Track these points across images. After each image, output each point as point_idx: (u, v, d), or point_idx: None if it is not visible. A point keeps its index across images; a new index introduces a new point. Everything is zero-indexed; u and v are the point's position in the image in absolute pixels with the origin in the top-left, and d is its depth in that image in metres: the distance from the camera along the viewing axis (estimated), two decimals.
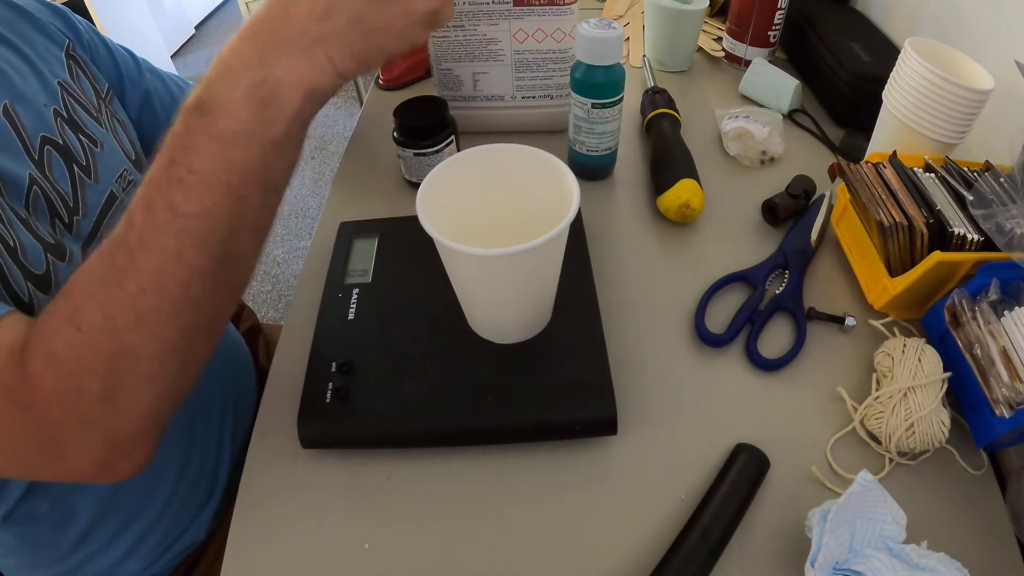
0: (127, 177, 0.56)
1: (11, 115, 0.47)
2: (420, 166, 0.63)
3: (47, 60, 0.54)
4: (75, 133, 0.52)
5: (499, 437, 0.44)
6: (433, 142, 0.62)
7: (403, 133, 0.62)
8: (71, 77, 0.55)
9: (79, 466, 0.36)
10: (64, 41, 0.57)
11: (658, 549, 0.39)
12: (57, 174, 0.49)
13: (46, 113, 0.50)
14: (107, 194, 0.53)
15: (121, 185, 0.55)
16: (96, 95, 0.57)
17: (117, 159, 0.55)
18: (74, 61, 0.57)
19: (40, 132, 0.49)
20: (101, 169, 0.53)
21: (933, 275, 0.45)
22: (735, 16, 0.80)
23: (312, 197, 2.08)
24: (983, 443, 0.41)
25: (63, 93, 0.53)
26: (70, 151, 0.50)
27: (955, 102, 0.50)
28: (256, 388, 0.69)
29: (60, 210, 0.48)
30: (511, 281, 0.41)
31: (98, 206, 0.52)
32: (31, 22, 0.56)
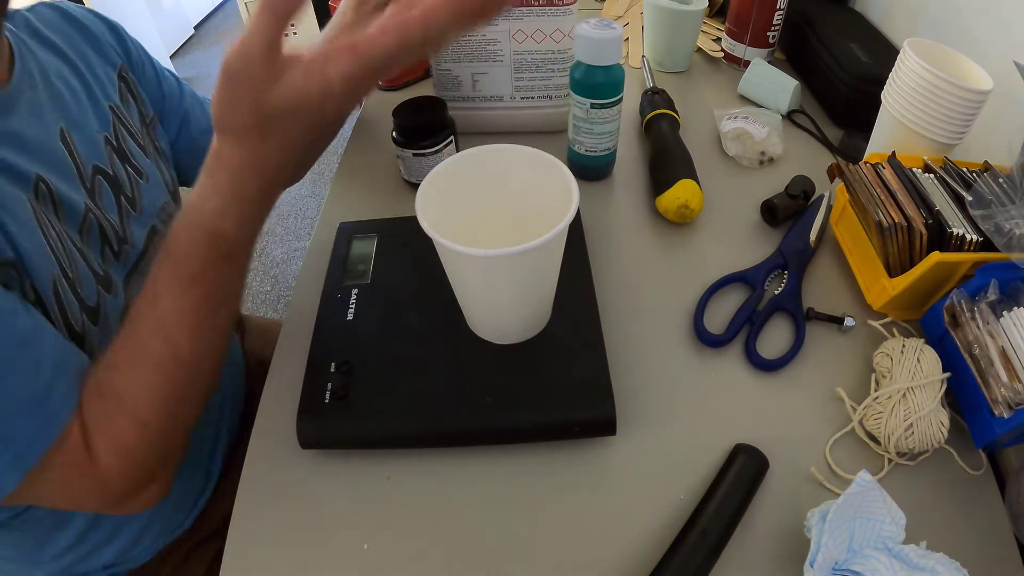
0: (167, 210, 0.56)
1: (67, 140, 0.47)
2: (419, 167, 0.63)
3: (100, 81, 0.54)
4: (123, 163, 0.52)
5: (498, 437, 0.44)
6: (432, 142, 0.62)
7: (402, 133, 0.62)
8: (121, 100, 0.55)
9: (134, 508, 0.43)
10: (117, 61, 0.57)
11: (657, 549, 0.39)
12: (107, 204, 0.49)
13: (98, 141, 0.50)
14: (149, 227, 0.53)
15: (161, 218, 0.55)
16: (141, 120, 0.57)
17: (159, 191, 0.56)
18: (125, 83, 0.57)
19: (93, 161, 0.49)
20: (145, 201, 0.53)
21: (932, 275, 0.45)
22: (734, 17, 0.80)
23: (311, 197, 2.08)
24: (982, 443, 0.41)
25: (114, 119, 0.53)
26: (119, 182, 0.51)
27: (954, 103, 0.51)
28: (243, 377, 0.70)
29: (111, 239, 0.49)
30: (510, 281, 0.41)
31: (142, 238, 0.52)
32: (87, 37, 0.55)
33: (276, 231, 1.96)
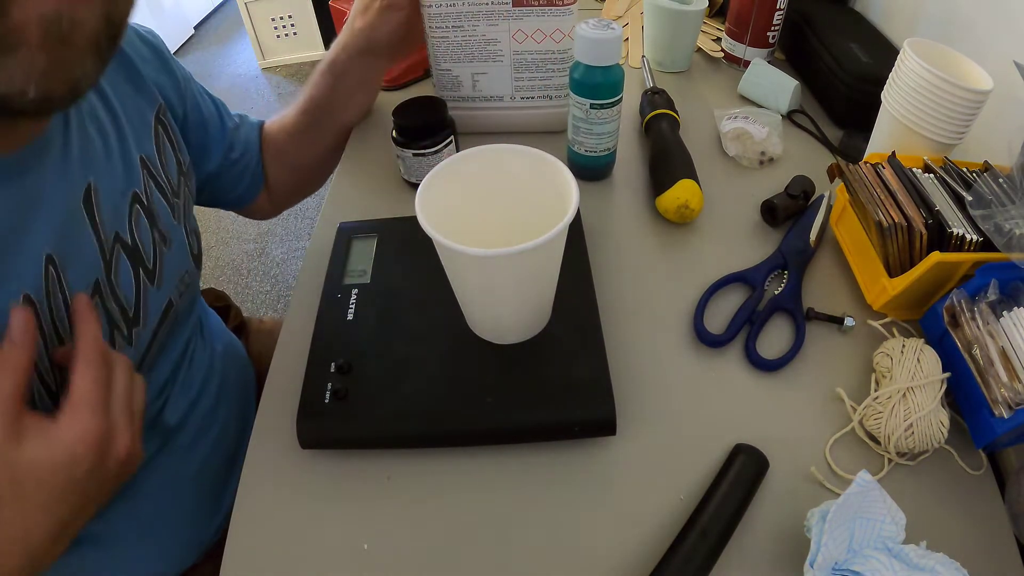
0: (186, 280, 0.52)
1: (91, 202, 0.42)
2: (419, 166, 0.63)
3: (135, 126, 0.48)
4: (150, 228, 0.47)
5: (498, 437, 0.44)
6: (432, 142, 0.62)
7: (402, 133, 0.62)
8: (156, 150, 0.49)
9: None
10: (157, 102, 0.51)
11: (657, 549, 0.39)
12: (123, 280, 0.44)
13: (124, 202, 0.45)
14: (166, 301, 0.49)
15: (180, 289, 0.51)
16: (178, 171, 0.52)
17: (182, 259, 0.51)
18: (163, 127, 0.51)
19: (115, 228, 0.44)
20: (166, 273, 0.49)
21: (932, 275, 0.45)
22: (734, 17, 0.80)
23: (311, 197, 2.07)
24: (982, 443, 0.41)
25: (145, 173, 0.47)
26: (139, 253, 0.46)
27: (954, 103, 0.51)
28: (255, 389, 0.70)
29: (120, 324, 0.44)
30: (510, 282, 0.41)
31: (158, 314, 0.48)
32: (129, 73, 0.49)
33: (276, 231, 1.96)
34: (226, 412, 0.60)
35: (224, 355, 0.62)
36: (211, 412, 0.57)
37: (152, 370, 0.50)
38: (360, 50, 0.63)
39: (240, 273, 1.83)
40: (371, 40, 0.62)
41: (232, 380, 0.62)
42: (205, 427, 0.56)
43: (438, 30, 0.64)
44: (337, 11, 0.86)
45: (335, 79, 0.64)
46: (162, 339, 0.50)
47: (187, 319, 0.55)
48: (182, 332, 0.55)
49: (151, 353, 0.49)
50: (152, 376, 0.50)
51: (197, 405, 0.56)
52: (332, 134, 0.70)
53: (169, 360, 0.53)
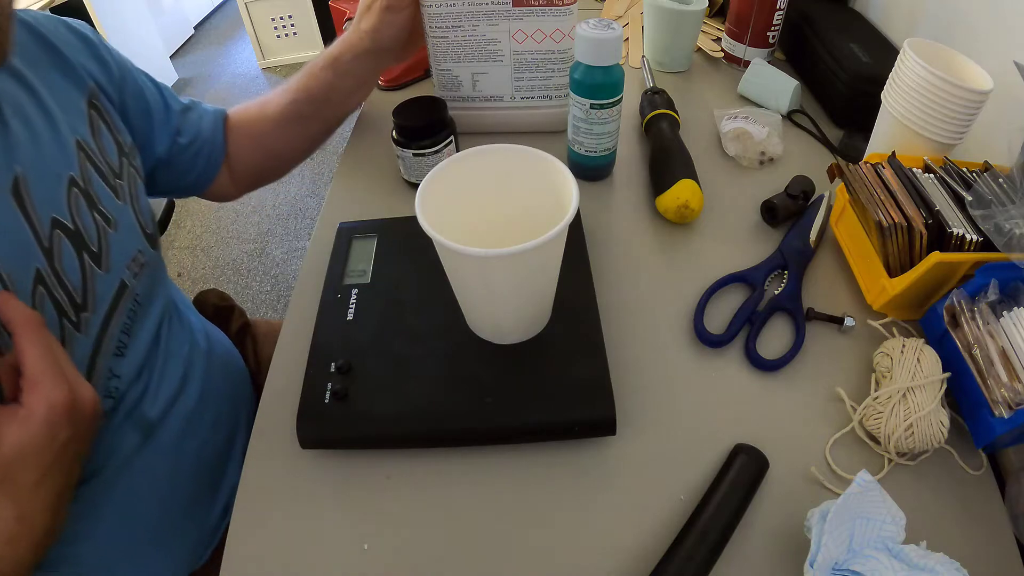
0: (140, 260, 0.51)
1: (20, 193, 0.42)
2: (419, 166, 0.63)
3: (67, 111, 0.48)
4: (90, 210, 0.46)
5: (498, 437, 0.44)
6: (432, 142, 0.62)
7: (402, 133, 0.62)
8: (91, 133, 0.49)
9: None
10: (88, 85, 0.50)
11: (657, 549, 0.39)
12: (67, 265, 0.44)
13: (60, 187, 0.45)
14: (118, 284, 0.48)
15: (133, 271, 0.50)
16: (118, 152, 0.52)
17: (131, 239, 0.50)
18: (96, 111, 0.51)
19: (51, 213, 0.44)
20: (114, 254, 0.48)
21: (932, 276, 0.45)
22: (734, 17, 0.80)
23: (311, 197, 2.08)
24: (982, 443, 0.41)
25: (81, 156, 0.47)
26: (81, 237, 0.45)
27: (954, 103, 0.51)
28: (251, 391, 0.69)
29: (67, 310, 0.44)
30: (510, 281, 0.41)
31: (108, 298, 0.47)
32: (56, 60, 0.49)
33: (276, 231, 1.96)
34: (213, 414, 0.59)
35: (210, 354, 0.61)
36: (196, 411, 0.56)
37: (123, 357, 0.49)
38: (365, 50, 0.62)
39: (240, 273, 1.83)
40: (376, 41, 0.62)
41: (218, 381, 0.61)
42: (190, 427, 0.55)
43: (438, 30, 0.64)
44: (337, 11, 0.86)
45: (336, 76, 0.64)
46: (122, 323, 0.49)
47: (152, 302, 0.54)
48: (149, 316, 0.53)
49: (108, 338, 0.47)
50: (124, 363, 0.49)
51: (179, 400, 0.55)
52: (323, 127, 0.69)
53: (141, 344, 0.52)
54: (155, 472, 0.52)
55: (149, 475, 0.52)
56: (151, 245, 0.53)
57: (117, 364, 0.49)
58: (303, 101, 0.65)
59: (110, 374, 0.48)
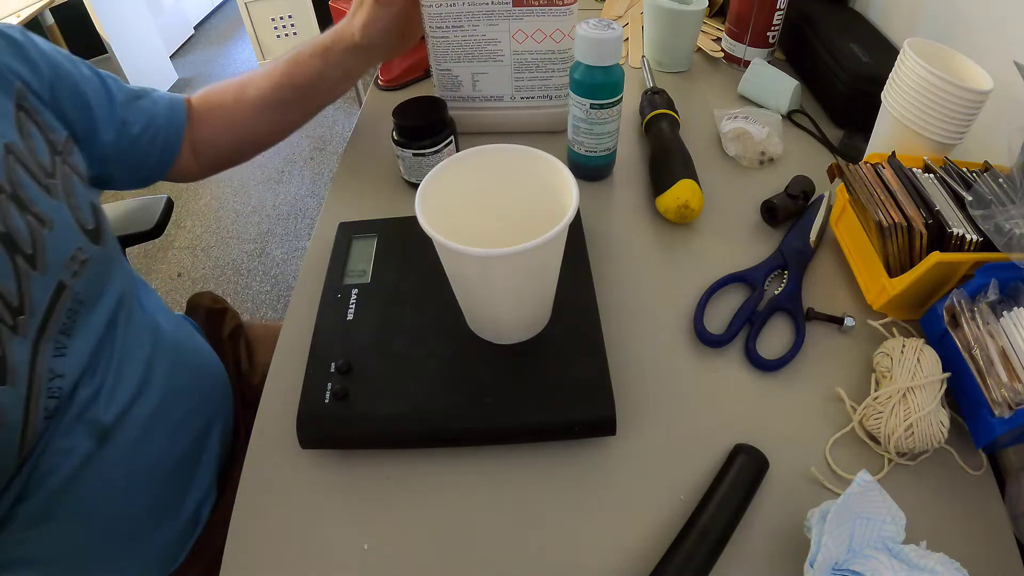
0: (79, 257, 0.49)
1: None
2: (419, 166, 0.63)
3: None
4: (20, 213, 0.45)
5: (498, 437, 0.44)
6: (432, 142, 0.62)
7: (402, 134, 0.62)
8: (20, 135, 0.48)
9: None
10: (14, 86, 0.49)
11: (657, 549, 0.39)
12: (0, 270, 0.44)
13: None
14: (55, 284, 0.47)
15: (71, 269, 0.49)
16: (51, 150, 0.50)
17: (69, 237, 0.49)
18: (25, 113, 0.50)
19: None
20: (49, 255, 0.47)
21: (932, 275, 0.45)
22: (734, 17, 0.80)
23: (311, 197, 2.08)
24: (982, 443, 0.41)
25: (8, 159, 0.46)
26: (13, 240, 0.45)
27: (954, 103, 0.51)
28: (234, 397, 0.68)
29: (2, 314, 0.43)
30: (510, 282, 0.41)
31: (45, 300, 0.46)
32: None
33: (276, 231, 1.96)
34: (178, 416, 0.57)
35: (178, 354, 0.60)
36: (156, 414, 0.55)
37: (64, 356, 0.48)
38: (355, 44, 0.62)
39: (240, 273, 1.83)
40: (366, 36, 0.61)
41: (185, 382, 0.59)
42: (149, 432, 0.54)
43: (438, 30, 0.64)
44: (337, 11, 0.86)
45: (325, 66, 0.63)
46: (60, 324, 0.48)
47: (98, 300, 0.52)
48: (93, 314, 0.51)
49: (46, 339, 0.46)
50: (65, 362, 0.48)
51: (138, 403, 0.53)
52: (303, 115, 0.68)
53: (85, 344, 0.50)
54: (111, 477, 0.51)
55: (105, 480, 0.51)
56: (94, 241, 0.51)
57: (58, 364, 0.47)
58: (287, 87, 0.64)
59: (51, 374, 0.47)
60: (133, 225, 0.83)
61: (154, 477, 0.55)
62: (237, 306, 1.73)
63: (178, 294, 1.77)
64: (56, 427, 0.48)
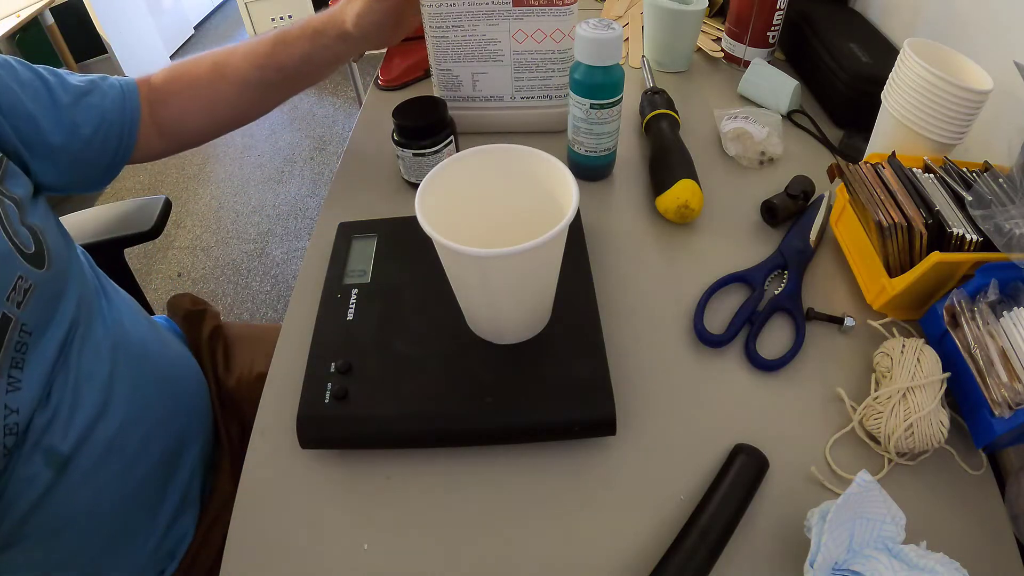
0: (22, 287, 0.47)
1: None
2: (419, 166, 0.63)
3: None
4: None
5: (498, 438, 0.44)
6: (432, 142, 0.62)
7: (402, 134, 0.62)
8: None
9: None
10: None
11: (657, 549, 0.39)
12: None
13: None
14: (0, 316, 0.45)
15: (15, 300, 0.46)
16: None
17: (8, 267, 0.46)
18: None
19: None
20: None
21: (932, 275, 0.45)
22: (734, 17, 0.80)
23: (311, 197, 2.08)
24: (982, 443, 0.41)
25: None
26: None
27: (954, 103, 0.51)
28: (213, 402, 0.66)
29: None
30: (510, 282, 0.41)
31: None
32: None
33: (276, 231, 1.96)
34: (142, 435, 0.55)
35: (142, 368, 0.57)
36: (119, 436, 0.53)
37: (19, 391, 0.46)
38: (348, 33, 0.61)
39: (240, 273, 1.83)
40: (360, 27, 0.60)
41: (152, 398, 0.57)
42: (111, 454, 0.52)
43: (438, 30, 0.64)
44: None
45: (312, 50, 0.62)
46: (11, 358, 0.46)
47: (48, 327, 0.50)
48: (43, 343, 0.49)
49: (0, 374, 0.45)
50: (20, 397, 0.46)
51: (98, 427, 0.51)
52: (283, 97, 0.67)
53: (37, 374, 0.48)
54: (75, 501, 0.50)
55: (69, 505, 0.50)
56: (36, 266, 0.48)
57: (13, 400, 0.46)
58: (271, 68, 0.62)
59: (7, 411, 0.45)
60: (131, 226, 0.83)
61: (123, 496, 0.53)
62: (237, 306, 1.73)
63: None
64: (16, 458, 0.46)
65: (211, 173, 2.24)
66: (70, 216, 0.84)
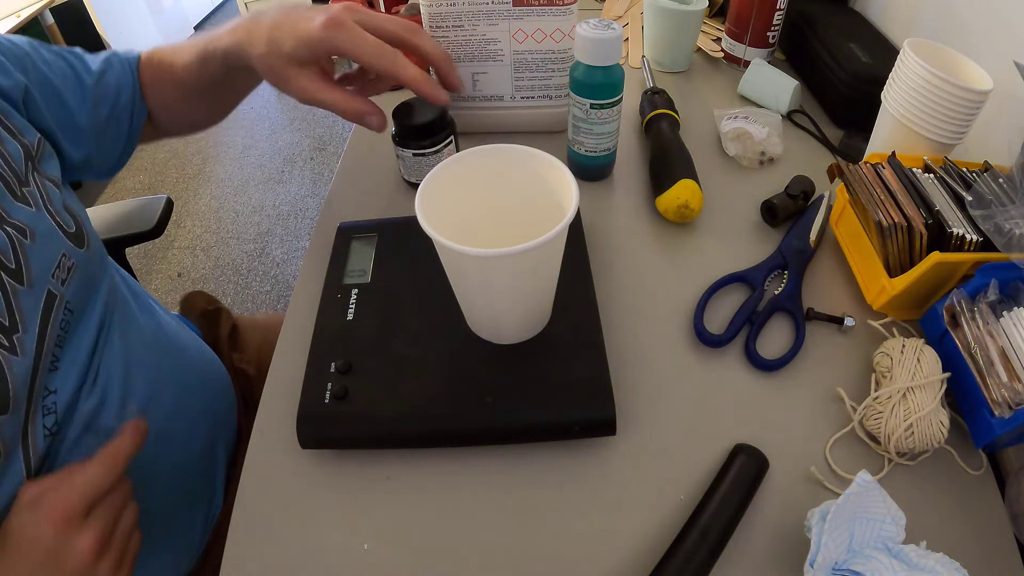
0: (65, 264, 0.47)
1: None
2: (419, 166, 0.63)
3: None
4: (0, 227, 0.44)
5: (498, 437, 0.44)
6: (432, 142, 0.62)
7: (402, 133, 0.62)
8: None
9: None
10: None
11: (657, 550, 0.39)
12: None
13: None
14: (44, 296, 0.45)
15: (59, 278, 0.46)
16: (25, 155, 0.48)
17: (53, 245, 0.47)
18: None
19: None
20: (35, 266, 0.45)
21: (932, 275, 0.45)
22: (734, 17, 0.80)
23: (311, 197, 2.08)
24: (982, 443, 0.41)
25: None
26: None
27: (954, 103, 0.51)
28: (234, 400, 0.67)
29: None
30: (510, 282, 0.41)
31: (37, 313, 0.44)
32: None
33: (276, 231, 1.96)
34: (191, 420, 0.57)
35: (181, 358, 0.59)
36: (171, 416, 0.54)
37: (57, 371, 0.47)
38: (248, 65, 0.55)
39: (240, 273, 1.83)
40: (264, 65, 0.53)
41: (194, 394, 0.59)
42: (165, 434, 0.53)
43: (438, 30, 0.64)
44: None
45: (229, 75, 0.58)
46: (56, 336, 0.46)
47: (89, 306, 0.50)
48: (85, 322, 0.50)
49: (45, 354, 0.45)
50: (58, 377, 0.47)
51: (151, 407, 0.52)
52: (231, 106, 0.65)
53: (79, 354, 0.49)
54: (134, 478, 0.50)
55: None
56: (78, 245, 0.49)
57: (51, 379, 0.46)
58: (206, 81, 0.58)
59: (46, 391, 0.46)
60: (133, 225, 0.83)
61: (167, 489, 0.54)
62: (237, 306, 1.73)
63: (178, 294, 1.77)
64: (61, 444, 0.47)
65: (211, 173, 2.24)
66: None
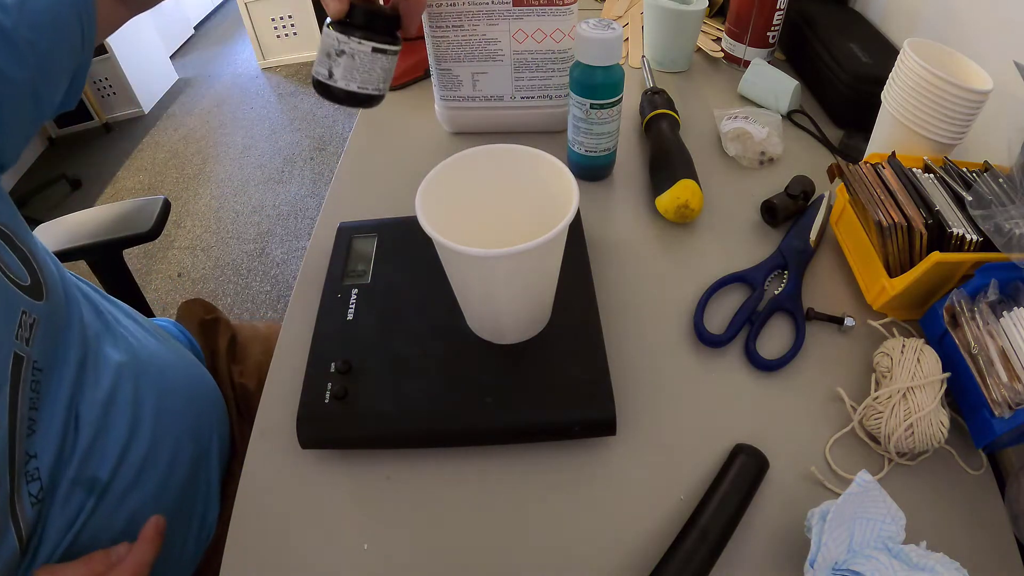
0: (27, 321, 0.43)
1: None
2: (370, 67, 0.51)
3: None
4: None
5: (498, 438, 0.44)
6: (393, 39, 0.51)
7: (364, 21, 0.49)
8: None
9: None
10: None
11: (657, 549, 0.39)
12: None
13: None
14: (11, 360, 0.42)
15: (23, 337, 0.43)
16: None
17: (9, 304, 0.43)
18: None
19: None
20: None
21: (932, 275, 0.45)
22: (734, 17, 0.80)
23: (311, 197, 2.08)
24: (982, 443, 0.41)
25: None
26: None
27: (954, 103, 0.51)
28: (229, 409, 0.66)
29: None
30: (510, 282, 0.41)
31: (5, 382, 0.41)
32: None
33: (276, 231, 1.96)
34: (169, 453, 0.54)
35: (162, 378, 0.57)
36: (149, 455, 0.52)
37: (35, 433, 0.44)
38: None
39: (240, 273, 1.83)
40: None
41: (177, 406, 0.57)
42: (146, 468, 0.51)
43: (438, 30, 0.64)
44: None
45: None
46: (29, 399, 0.44)
47: (58, 361, 0.47)
48: (58, 378, 0.47)
49: (20, 421, 0.42)
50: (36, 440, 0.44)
51: (130, 448, 0.50)
52: None
53: (55, 413, 0.46)
54: (112, 525, 0.49)
55: (107, 530, 0.49)
56: (36, 297, 0.45)
57: (30, 444, 0.44)
58: None
59: (27, 456, 0.43)
60: (130, 227, 0.82)
61: (158, 510, 0.52)
62: (237, 306, 1.73)
63: (178, 294, 1.78)
64: (51, 507, 0.45)
65: (211, 173, 2.24)
66: (68, 218, 0.84)
